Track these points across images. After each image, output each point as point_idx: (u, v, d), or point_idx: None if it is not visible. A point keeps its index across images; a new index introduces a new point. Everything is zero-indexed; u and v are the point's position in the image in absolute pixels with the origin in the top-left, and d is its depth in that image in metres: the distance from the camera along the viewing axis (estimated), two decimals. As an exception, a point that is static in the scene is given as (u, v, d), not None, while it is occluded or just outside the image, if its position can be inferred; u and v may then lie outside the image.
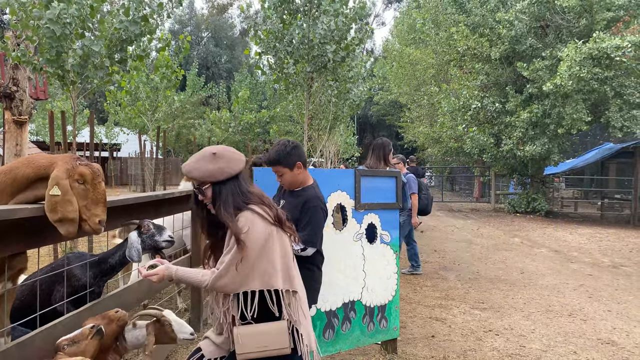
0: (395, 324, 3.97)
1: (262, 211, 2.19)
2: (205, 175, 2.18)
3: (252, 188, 2.30)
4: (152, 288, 3.53)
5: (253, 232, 2.13)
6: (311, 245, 2.84)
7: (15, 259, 2.29)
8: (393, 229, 3.96)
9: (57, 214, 2.08)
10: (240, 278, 2.12)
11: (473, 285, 6.60)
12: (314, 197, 2.90)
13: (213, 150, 2.24)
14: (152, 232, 2.91)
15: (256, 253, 2.13)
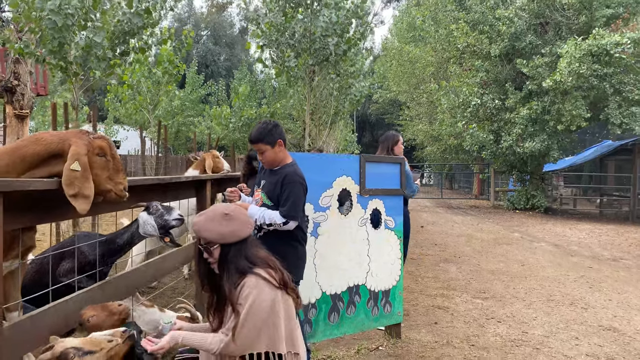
0: (399, 309, 4.00)
1: (267, 275, 2.20)
2: (216, 237, 2.21)
3: (259, 252, 2.31)
4: (159, 271, 3.55)
5: (259, 299, 2.14)
6: (292, 218, 2.90)
7: (25, 235, 2.31)
8: (397, 215, 3.99)
9: (74, 189, 2.11)
10: (249, 342, 2.14)
11: (474, 276, 6.63)
12: (292, 173, 2.98)
13: (225, 211, 2.26)
14: (161, 212, 2.92)
15: (262, 319, 2.15)
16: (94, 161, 2.21)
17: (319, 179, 3.53)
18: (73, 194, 2.11)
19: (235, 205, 2.49)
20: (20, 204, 2.03)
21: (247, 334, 2.13)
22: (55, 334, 2.32)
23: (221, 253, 2.24)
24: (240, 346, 2.14)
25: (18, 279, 2.28)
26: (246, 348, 2.15)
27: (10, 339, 1.95)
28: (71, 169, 2.11)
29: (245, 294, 2.15)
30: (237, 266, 2.21)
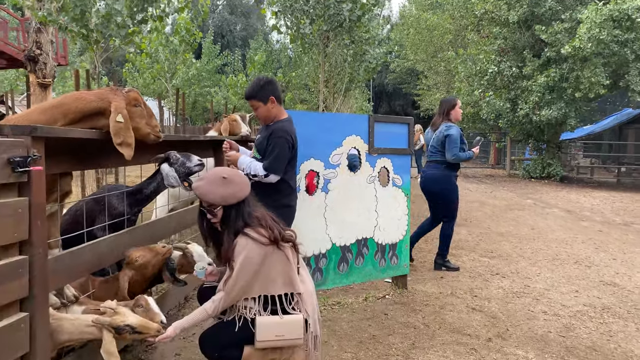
0: (406, 262, 4.23)
1: (256, 234, 2.43)
2: (219, 200, 2.45)
3: (255, 211, 2.54)
4: (182, 222, 3.82)
5: (248, 256, 2.39)
6: (272, 172, 3.04)
7: (63, 180, 2.56)
8: (404, 173, 4.17)
9: (120, 138, 2.39)
10: (242, 293, 2.42)
11: (483, 238, 6.82)
12: (280, 129, 3.11)
13: (223, 174, 2.50)
14: (182, 160, 3.14)
15: (253, 272, 2.41)
16: (133, 111, 2.50)
17: (329, 138, 3.72)
18: (119, 143, 2.39)
19: (231, 168, 2.70)
20: (60, 151, 2.28)
21: (240, 287, 2.41)
22: (90, 270, 2.61)
23: (224, 214, 2.49)
24: (235, 297, 2.43)
25: (57, 220, 2.55)
26: (241, 297, 2.44)
27: (54, 270, 2.22)
28: (117, 121, 2.38)
29: (237, 252, 2.42)
30: (235, 226, 2.47)
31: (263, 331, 2.43)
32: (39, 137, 2.04)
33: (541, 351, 3.14)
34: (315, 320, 2.54)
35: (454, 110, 5.04)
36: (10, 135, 1.97)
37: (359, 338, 3.24)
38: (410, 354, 3.04)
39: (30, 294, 2.03)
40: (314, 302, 2.55)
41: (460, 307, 3.90)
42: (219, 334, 2.51)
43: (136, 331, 2.22)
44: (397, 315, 3.68)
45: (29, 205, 2.01)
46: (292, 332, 2.45)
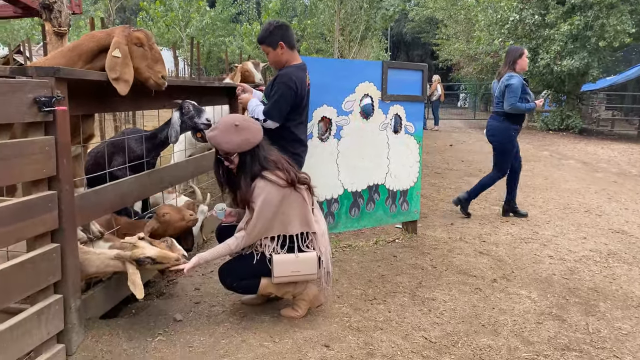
0: (416, 208, 4.33)
1: (274, 177, 2.57)
2: (234, 148, 2.56)
3: (270, 155, 2.64)
4: (199, 167, 3.95)
5: (267, 197, 2.53)
6: (270, 117, 3.03)
7: (86, 123, 2.67)
8: (417, 120, 4.21)
9: (115, 73, 2.43)
10: (263, 232, 2.59)
11: (495, 188, 6.82)
12: (284, 74, 3.08)
13: (235, 122, 2.58)
14: (192, 114, 3.21)
15: (272, 213, 2.56)
16: (133, 50, 2.51)
17: (342, 84, 3.75)
18: (115, 78, 2.43)
19: (242, 116, 2.76)
20: (81, 93, 2.37)
21: (260, 227, 2.57)
22: (113, 208, 2.77)
23: (240, 160, 2.61)
24: (256, 236, 2.60)
25: (82, 161, 2.68)
26: (261, 236, 2.61)
27: (81, 206, 2.36)
28: (113, 55, 2.42)
29: (256, 194, 2.56)
30: (252, 170, 2.59)
31: (280, 268, 2.60)
32: (62, 79, 2.13)
33: (544, 291, 3.26)
34: (328, 257, 2.70)
35: (521, 60, 4.92)
36: (35, 76, 2.06)
37: (368, 277, 3.40)
38: (416, 291, 3.19)
39: (60, 226, 2.19)
40: (326, 241, 2.71)
41: (468, 251, 4.03)
42: (238, 266, 2.69)
43: (156, 262, 2.39)
44: (406, 258, 3.82)
45: (55, 143, 2.13)
46: (307, 268, 2.62)
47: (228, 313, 2.80)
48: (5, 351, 1.89)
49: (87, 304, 2.48)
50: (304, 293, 2.73)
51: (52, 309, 2.15)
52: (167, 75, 2.65)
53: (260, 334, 2.55)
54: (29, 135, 2.07)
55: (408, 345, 2.51)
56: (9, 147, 1.88)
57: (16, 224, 1.92)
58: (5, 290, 1.88)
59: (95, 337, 2.41)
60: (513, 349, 2.51)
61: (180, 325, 2.64)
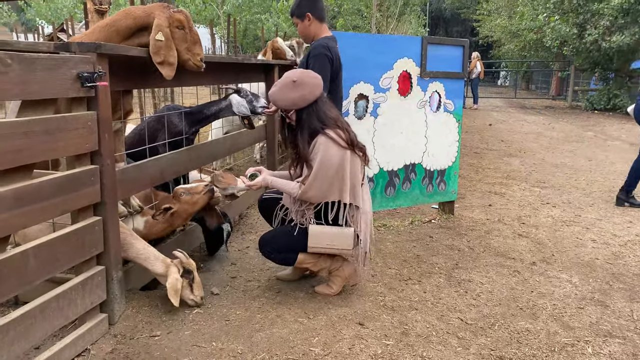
0: (454, 188, 4.25)
1: (335, 135, 2.51)
2: (289, 104, 2.54)
3: (330, 111, 2.59)
4: (235, 144, 3.98)
5: (327, 155, 2.48)
6: None
7: (125, 99, 2.71)
8: (457, 98, 4.09)
9: (160, 57, 2.44)
10: (321, 193, 2.53)
11: (536, 169, 6.67)
12: (318, 46, 3.06)
13: (293, 78, 2.54)
14: (250, 97, 3.27)
15: (332, 172, 2.49)
16: (174, 33, 2.49)
17: (379, 60, 3.67)
18: (159, 62, 2.44)
19: (303, 70, 2.73)
20: (122, 69, 2.40)
21: (319, 185, 2.52)
22: (153, 183, 2.82)
23: (297, 116, 2.59)
24: (314, 195, 2.56)
25: (122, 136, 2.73)
26: (320, 197, 2.56)
27: (122, 180, 2.42)
28: (156, 39, 2.42)
29: (316, 151, 2.52)
30: (310, 126, 2.56)
31: (315, 238, 2.60)
32: (103, 54, 2.16)
33: (586, 276, 3.16)
34: (367, 237, 2.65)
35: None
36: (77, 52, 2.09)
37: (403, 257, 3.37)
38: (452, 273, 3.14)
39: (102, 200, 2.24)
40: (368, 219, 2.65)
41: (506, 233, 3.93)
42: (278, 237, 2.71)
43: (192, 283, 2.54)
44: (442, 239, 3.76)
45: (97, 118, 2.17)
46: (342, 242, 2.60)
47: (263, 288, 2.83)
48: (51, 319, 1.97)
49: (128, 275, 2.55)
50: (340, 270, 2.73)
51: (95, 279, 2.22)
52: (204, 57, 2.63)
53: (294, 310, 2.57)
54: (72, 111, 2.11)
55: (443, 325, 2.48)
56: (54, 122, 1.92)
57: (61, 197, 1.98)
58: (52, 259, 1.95)
59: (135, 308, 2.49)
60: (552, 333, 2.45)
61: (217, 298, 2.69)
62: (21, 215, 1.79)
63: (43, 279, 1.92)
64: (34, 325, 1.87)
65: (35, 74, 1.82)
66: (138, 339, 2.26)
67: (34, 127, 1.82)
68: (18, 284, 1.80)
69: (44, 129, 1.87)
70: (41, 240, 1.91)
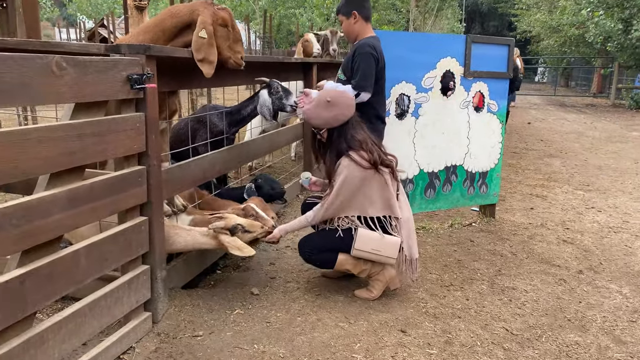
0: (495, 191, 4.14)
1: (358, 157, 2.55)
2: (322, 123, 2.62)
3: (358, 134, 2.61)
4: (274, 143, 3.98)
5: (349, 177, 2.53)
6: (363, 89, 2.99)
7: (170, 99, 2.74)
8: (501, 98, 3.98)
9: (201, 54, 2.44)
10: (339, 210, 2.61)
11: (579, 170, 6.46)
12: (363, 45, 3.05)
13: (327, 97, 2.59)
14: (281, 94, 3.24)
15: (351, 192, 2.57)
16: (217, 30, 2.49)
17: (422, 60, 3.60)
18: (200, 59, 2.44)
19: (338, 91, 2.71)
20: (168, 70, 2.42)
21: (338, 205, 2.59)
22: (196, 183, 2.83)
23: (328, 134, 2.65)
24: (332, 213, 2.63)
25: (167, 136, 2.76)
26: (338, 214, 2.63)
27: (167, 180, 2.44)
28: (199, 36, 2.42)
29: (339, 172, 2.58)
30: (337, 147, 2.62)
31: (362, 241, 2.59)
32: (152, 56, 2.17)
33: (637, 287, 3.03)
34: (410, 244, 2.66)
35: None
36: (127, 54, 2.11)
37: (444, 262, 3.30)
38: (495, 279, 3.06)
39: (148, 200, 2.26)
40: (409, 227, 2.67)
41: (550, 239, 3.81)
42: (318, 239, 2.72)
43: (246, 230, 2.46)
44: (484, 243, 3.68)
45: (145, 120, 2.19)
46: (388, 250, 2.60)
47: (303, 290, 2.82)
48: (99, 317, 2.00)
49: (170, 274, 2.58)
50: (381, 273, 2.70)
51: (140, 278, 2.25)
52: (244, 56, 2.63)
53: (335, 314, 2.55)
54: (120, 112, 2.13)
55: (488, 335, 2.42)
56: (105, 124, 1.95)
57: (111, 197, 2.00)
58: (101, 259, 1.98)
59: (178, 307, 2.52)
60: (604, 347, 2.35)
61: (257, 299, 2.70)
62: (74, 215, 1.82)
63: (93, 278, 1.95)
64: (84, 323, 1.90)
65: (88, 77, 1.84)
66: (181, 339, 2.28)
67: (86, 129, 1.85)
68: (70, 283, 1.83)
69: (96, 131, 1.89)
70: (91, 240, 1.95)
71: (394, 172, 2.64)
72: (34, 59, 1.61)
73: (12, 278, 1.59)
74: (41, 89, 1.64)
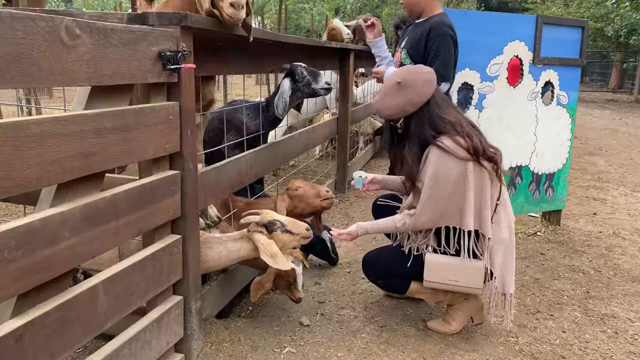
0: (562, 195, 3.64)
1: (453, 144, 1.94)
2: (398, 112, 2.03)
3: (447, 114, 2.02)
4: (310, 141, 3.48)
5: (441, 170, 1.95)
6: (442, 79, 2.47)
7: (205, 87, 2.24)
8: (572, 89, 3.47)
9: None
10: (434, 219, 2.01)
11: (628, 170, 5.93)
12: (440, 24, 2.53)
13: (397, 79, 2.03)
14: (307, 79, 2.71)
15: (448, 191, 1.96)
16: None
17: (488, 43, 3.10)
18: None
19: (408, 67, 2.20)
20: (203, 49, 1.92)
21: (432, 209, 2.00)
22: (233, 187, 2.34)
23: (405, 125, 2.09)
24: (425, 223, 2.04)
25: (200, 132, 2.26)
26: (432, 224, 2.04)
27: (202, 185, 1.94)
28: None
29: (426, 168, 1.99)
30: (420, 136, 2.03)
31: (432, 271, 2.07)
32: (188, 28, 1.67)
33: None
34: (504, 274, 2.07)
35: None
36: (157, 24, 1.62)
37: (520, 281, 2.79)
38: (587, 304, 2.56)
39: (183, 213, 1.77)
40: (507, 251, 2.07)
41: (632, 251, 3.30)
42: (387, 261, 2.22)
43: (287, 230, 1.95)
44: (558, 257, 3.17)
45: (179, 111, 1.69)
46: (468, 279, 2.05)
47: (362, 320, 2.32)
48: (123, 370, 1.51)
49: (204, 301, 2.09)
50: (464, 303, 2.19)
51: (172, 313, 1.76)
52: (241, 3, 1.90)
53: (410, 354, 2.05)
54: (149, 101, 1.64)
55: (606, 383, 1.92)
56: (132, 115, 1.45)
57: (137, 213, 1.51)
58: (125, 293, 1.49)
59: (214, 344, 2.03)
60: None
61: (309, 332, 2.20)
62: (92, 239, 1.33)
63: (114, 321, 1.46)
64: (102, 384, 1.42)
65: (109, 51, 1.35)
66: (223, 390, 1.79)
67: (106, 122, 1.35)
68: (86, 331, 1.35)
69: (119, 125, 1.40)
70: (112, 271, 1.46)
71: (498, 169, 2.03)
72: (34, 20, 1.12)
73: (4, 334, 1.10)
74: (45, 64, 1.14)
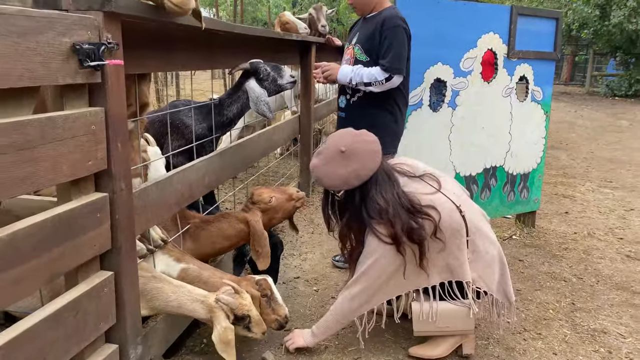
0: (537, 196, 3.47)
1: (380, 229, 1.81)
2: (339, 185, 1.84)
3: (379, 197, 1.80)
4: (271, 143, 3.17)
5: (378, 263, 1.83)
6: (396, 72, 2.36)
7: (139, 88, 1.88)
8: (546, 84, 3.29)
9: None
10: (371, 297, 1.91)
11: (592, 164, 5.91)
12: (393, 16, 2.38)
13: (341, 147, 1.79)
14: (273, 75, 2.44)
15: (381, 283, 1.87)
16: None
17: (462, 35, 2.87)
18: None
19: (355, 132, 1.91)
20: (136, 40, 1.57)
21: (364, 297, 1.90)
22: (181, 203, 2.01)
23: (345, 198, 1.88)
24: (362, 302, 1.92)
25: (138, 140, 1.91)
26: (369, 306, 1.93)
27: (141, 206, 1.61)
28: None
29: (366, 253, 1.86)
30: (358, 216, 1.86)
31: (422, 322, 1.89)
32: (114, 14, 1.33)
33: None
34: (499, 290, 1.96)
35: None
36: (72, 9, 1.26)
37: (501, 293, 2.58)
38: (574, 317, 2.38)
39: (114, 245, 1.43)
40: (494, 271, 1.94)
41: (609, 254, 3.17)
42: None
43: (249, 327, 1.70)
44: (536, 263, 2.99)
45: (105, 118, 1.35)
46: (456, 323, 1.91)
47: (334, 351, 2.04)
48: None
49: (148, 339, 1.75)
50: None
51: (104, 368, 1.43)
52: None
53: (390, 391, 1.79)
54: (63, 107, 1.29)
55: (609, 416, 1.72)
56: (35, 128, 1.10)
57: (48, 253, 1.17)
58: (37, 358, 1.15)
59: (162, 395, 1.70)
60: None
61: (274, 369, 1.91)
62: (-25, 301, 0.98)
63: (19, 398, 1.12)
64: None
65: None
66: None
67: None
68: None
69: (18, 141, 1.05)
70: (13, 333, 1.11)
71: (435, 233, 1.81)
72: None
73: None
74: None
